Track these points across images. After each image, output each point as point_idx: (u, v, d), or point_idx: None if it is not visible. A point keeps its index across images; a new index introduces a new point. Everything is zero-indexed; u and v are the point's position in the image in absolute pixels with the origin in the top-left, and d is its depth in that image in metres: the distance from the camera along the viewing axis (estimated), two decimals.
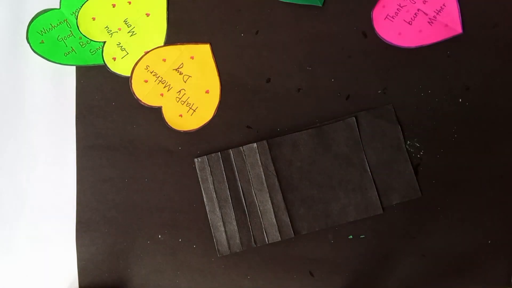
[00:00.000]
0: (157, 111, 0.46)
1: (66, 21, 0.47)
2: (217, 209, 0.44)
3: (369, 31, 0.46)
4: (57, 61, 0.47)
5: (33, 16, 0.47)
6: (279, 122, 0.45)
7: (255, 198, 0.44)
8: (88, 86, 0.47)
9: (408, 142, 0.44)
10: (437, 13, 0.44)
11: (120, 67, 0.46)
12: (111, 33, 0.45)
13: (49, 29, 0.47)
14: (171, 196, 0.45)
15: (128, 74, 0.46)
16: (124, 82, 0.47)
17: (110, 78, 0.47)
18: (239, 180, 0.44)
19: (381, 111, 0.44)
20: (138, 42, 0.46)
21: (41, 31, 0.47)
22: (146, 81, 0.46)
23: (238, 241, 0.43)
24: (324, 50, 0.46)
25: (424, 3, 0.44)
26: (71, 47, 0.47)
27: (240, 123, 0.45)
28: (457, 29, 0.44)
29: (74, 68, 0.47)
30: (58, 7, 0.48)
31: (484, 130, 0.44)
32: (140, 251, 0.44)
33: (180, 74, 0.46)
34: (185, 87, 0.46)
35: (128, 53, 0.45)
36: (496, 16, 0.45)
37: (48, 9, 0.48)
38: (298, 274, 0.43)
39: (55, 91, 0.47)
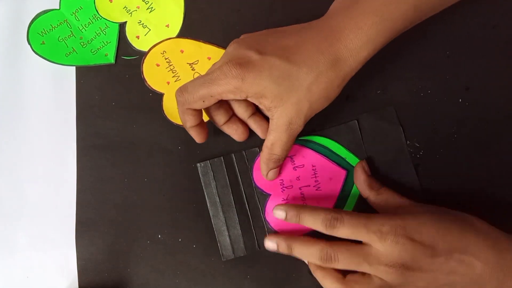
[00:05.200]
0: (157, 110, 0.46)
1: (66, 22, 0.48)
2: (221, 213, 0.44)
3: None
4: (58, 62, 0.47)
5: (33, 17, 0.47)
6: None
7: (258, 202, 0.44)
8: (88, 86, 0.47)
9: (408, 142, 0.44)
10: (315, 176, 0.43)
11: (145, 44, 0.47)
12: (131, 12, 0.46)
13: (50, 30, 0.47)
14: (171, 196, 0.45)
15: None
16: (125, 81, 0.47)
17: (110, 79, 0.47)
18: (242, 184, 0.44)
19: (382, 112, 0.44)
20: (158, 17, 0.47)
21: (41, 32, 0.47)
22: (158, 65, 0.46)
23: (242, 245, 0.43)
24: None
25: (299, 180, 0.43)
26: (72, 48, 0.47)
27: None
28: (341, 172, 0.43)
29: (74, 68, 0.47)
30: (58, 8, 0.48)
31: (484, 130, 0.44)
32: (140, 251, 0.44)
33: (192, 69, 0.46)
34: None
35: (150, 30, 0.46)
36: (496, 16, 0.45)
37: (48, 9, 0.48)
38: (298, 274, 0.43)
39: (55, 91, 0.47)
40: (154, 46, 0.47)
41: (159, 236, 0.44)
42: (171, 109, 0.46)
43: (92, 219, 0.45)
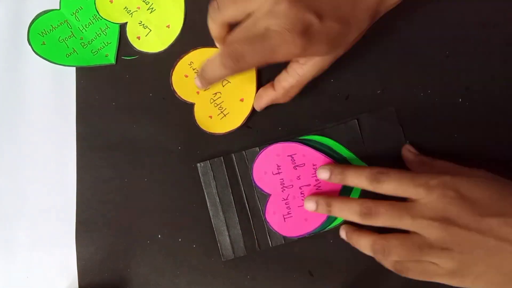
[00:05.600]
0: (159, 110, 0.46)
1: (67, 22, 0.48)
2: (221, 213, 0.44)
3: (367, 33, 0.46)
4: (58, 62, 0.47)
5: (33, 17, 0.48)
6: (279, 122, 0.45)
7: (258, 202, 0.44)
8: (88, 86, 0.47)
9: (408, 142, 0.44)
10: (316, 175, 0.43)
11: (146, 45, 0.47)
12: (131, 13, 0.46)
13: (50, 30, 0.47)
14: (171, 196, 0.45)
15: (155, 51, 0.47)
16: (125, 82, 0.47)
17: (110, 79, 0.47)
18: (242, 184, 0.44)
19: (382, 112, 0.44)
20: (159, 17, 0.47)
21: (42, 32, 0.47)
22: (186, 76, 0.46)
23: (242, 245, 0.43)
24: None
25: (299, 179, 0.43)
26: (73, 48, 0.47)
27: None
28: None
29: (74, 68, 0.47)
30: (58, 8, 0.48)
31: (484, 130, 0.44)
32: (140, 251, 0.44)
33: None
34: (222, 91, 0.46)
35: (151, 30, 0.46)
36: (495, 15, 0.45)
37: (48, 10, 0.48)
38: (298, 274, 0.43)
39: (55, 91, 0.47)
40: (181, 58, 0.46)
41: (159, 236, 0.44)
42: (203, 118, 0.45)
43: (92, 219, 0.45)
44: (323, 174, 0.40)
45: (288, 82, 0.40)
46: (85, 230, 0.45)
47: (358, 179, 0.37)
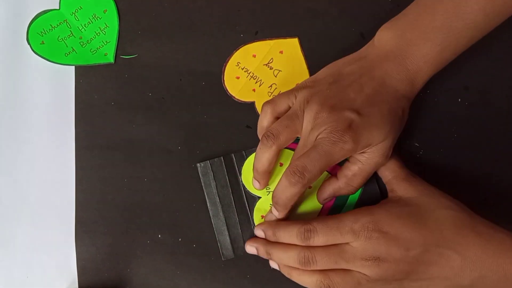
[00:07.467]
0: (158, 110, 0.46)
1: (66, 22, 0.48)
2: (221, 213, 0.44)
3: (366, 33, 0.46)
4: (58, 62, 0.47)
5: (33, 17, 0.47)
6: None
7: (257, 201, 0.44)
8: (88, 86, 0.47)
9: (407, 142, 0.44)
10: None
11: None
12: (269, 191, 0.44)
13: (49, 30, 0.47)
14: (171, 196, 0.45)
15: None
16: (124, 81, 0.47)
17: (110, 78, 0.47)
18: (242, 184, 0.44)
19: None
20: None
21: (41, 32, 0.47)
22: (238, 78, 0.46)
23: (242, 244, 0.43)
24: (324, 50, 0.46)
25: None
26: (72, 47, 0.47)
27: (240, 123, 0.45)
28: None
29: (73, 68, 0.47)
30: (58, 8, 0.48)
31: (484, 130, 0.44)
32: (140, 251, 0.44)
33: (270, 69, 0.46)
34: (276, 82, 0.46)
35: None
36: None
37: (47, 9, 0.48)
38: None
39: (54, 91, 0.47)
40: (227, 62, 0.46)
41: (159, 236, 0.44)
42: None
43: (92, 219, 0.45)
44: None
45: (351, 170, 0.40)
46: (85, 230, 0.45)
47: (291, 239, 0.39)
